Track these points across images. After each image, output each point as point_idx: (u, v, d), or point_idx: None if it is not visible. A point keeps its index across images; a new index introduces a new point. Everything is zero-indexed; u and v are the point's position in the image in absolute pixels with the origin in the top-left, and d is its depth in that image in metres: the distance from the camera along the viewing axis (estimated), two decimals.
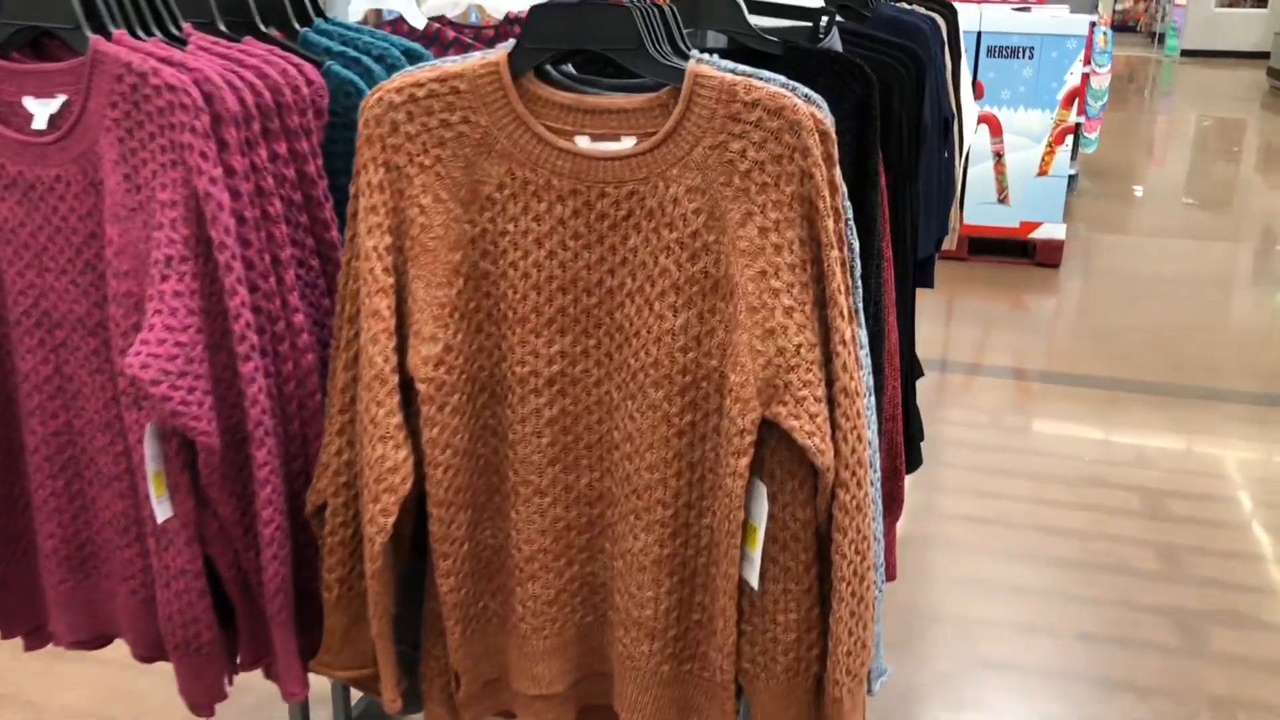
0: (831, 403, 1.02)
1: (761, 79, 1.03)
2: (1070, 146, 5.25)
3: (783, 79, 1.06)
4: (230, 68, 1.13)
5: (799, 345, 1.00)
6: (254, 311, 1.13)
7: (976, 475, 3.20)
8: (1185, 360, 4.14)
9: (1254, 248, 5.82)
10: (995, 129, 5.16)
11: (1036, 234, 5.30)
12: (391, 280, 1.07)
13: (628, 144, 1.04)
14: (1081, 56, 5.06)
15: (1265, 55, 12.53)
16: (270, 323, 1.15)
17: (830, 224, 1.00)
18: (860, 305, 1.11)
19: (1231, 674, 2.30)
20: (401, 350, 1.08)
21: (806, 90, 1.06)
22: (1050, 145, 5.16)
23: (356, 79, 1.28)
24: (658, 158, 1.02)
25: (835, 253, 1.01)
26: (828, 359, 1.02)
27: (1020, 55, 5.06)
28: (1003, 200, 5.27)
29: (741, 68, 1.05)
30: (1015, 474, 3.21)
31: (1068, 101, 5.11)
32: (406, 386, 1.09)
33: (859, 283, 1.10)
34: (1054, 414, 3.66)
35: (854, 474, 1.03)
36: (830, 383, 1.02)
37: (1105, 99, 6.78)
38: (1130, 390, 3.86)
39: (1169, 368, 4.06)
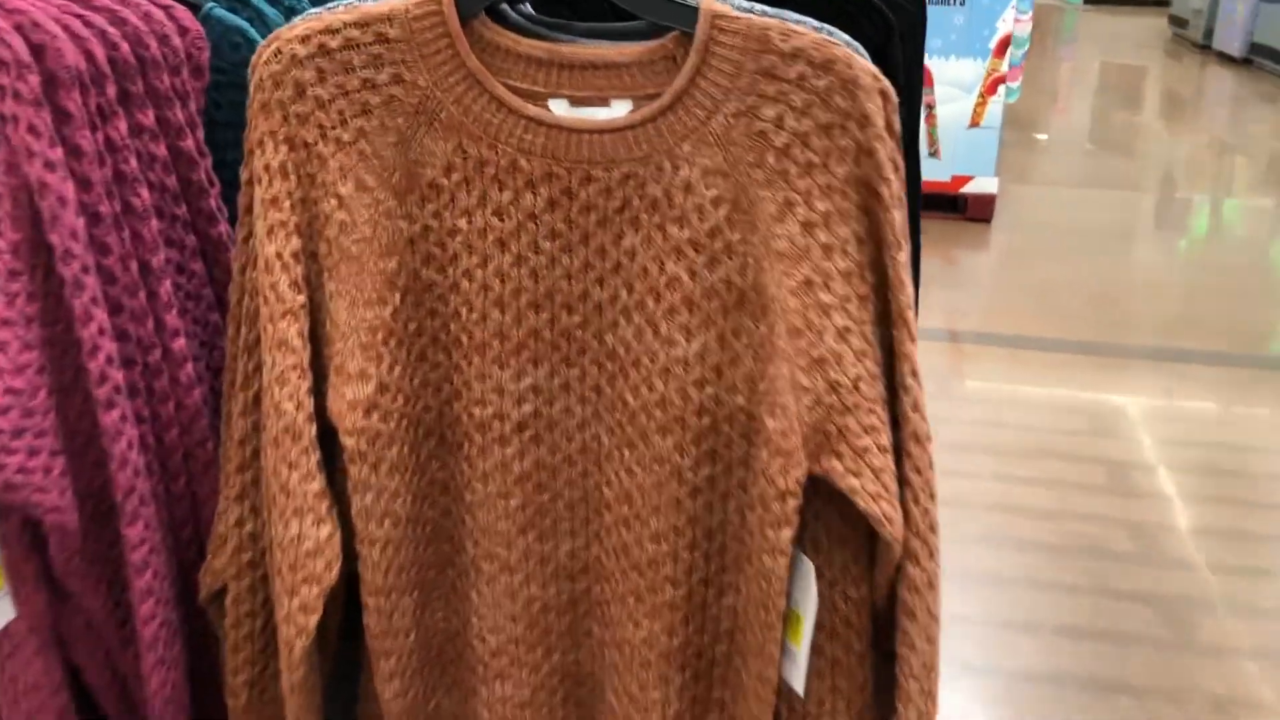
0: (900, 452, 0.78)
1: (791, 21, 0.78)
2: (1002, 97, 5.08)
3: (814, 22, 0.81)
4: (71, 10, 0.84)
5: (857, 379, 0.76)
6: (118, 339, 0.85)
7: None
8: (1127, 317, 4.01)
9: (1161, 196, 5.74)
10: (926, 79, 4.96)
11: (968, 188, 5.13)
12: (303, 298, 0.79)
13: (620, 111, 0.78)
14: (1013, 2, 4.88)
15: (1166, 3, 12.60)
16: (141, 353, 0.87)
17: (897, 217, 0.75)
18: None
19: (1226, 667, 2.15)
20: (320, 391, 0.81)
21: (846, 37, 0.81)
22: (982, 96, 4.98)
23: (245, 26, 1.00)
24: (663, 129, 0.76)
25: (902, 256, 0.76)
26: (893, 395, 0.78)
27: (951, 2, 4.86)
28: (934, 153, 5.08)
29: (764, 7, 0.80)
30: (971, 448, 3.03)
31: (1000, 50, 4.92)
32: (327, 436, 0.82)
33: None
34: (1003, 378, 3.50)
35: (925, 542, 0.79)
36: (897, 426, 0.78)
37: (1026, 47, 6.64)
38: (1075, 351, 3.71)
39: (1111, 326, 3.93)
